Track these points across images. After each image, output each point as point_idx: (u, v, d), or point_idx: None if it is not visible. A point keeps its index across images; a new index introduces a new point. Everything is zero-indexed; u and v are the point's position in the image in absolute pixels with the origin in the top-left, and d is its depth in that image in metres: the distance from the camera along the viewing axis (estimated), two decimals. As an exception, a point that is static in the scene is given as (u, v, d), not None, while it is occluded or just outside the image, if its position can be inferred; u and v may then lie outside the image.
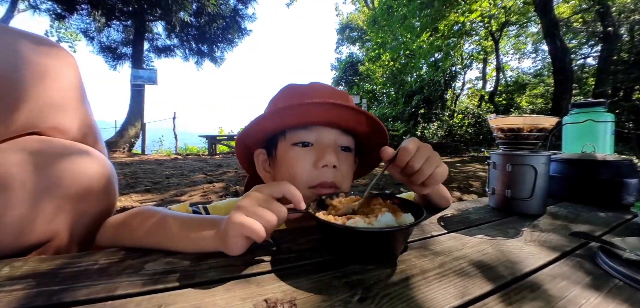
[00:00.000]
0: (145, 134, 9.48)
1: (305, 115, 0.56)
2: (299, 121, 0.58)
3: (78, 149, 0.51)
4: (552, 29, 5.92)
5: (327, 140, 0.59)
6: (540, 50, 12.72)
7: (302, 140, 0.59)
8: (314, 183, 0.57)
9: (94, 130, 0.58)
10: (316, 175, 0.57)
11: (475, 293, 0.33)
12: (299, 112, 0.56)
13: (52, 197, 0.45)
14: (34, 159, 0.44)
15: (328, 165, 0.56)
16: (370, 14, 12.54)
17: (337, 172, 0.58)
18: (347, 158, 0.62)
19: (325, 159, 0.56)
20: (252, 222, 0.38)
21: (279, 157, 0.61)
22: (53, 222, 0.46)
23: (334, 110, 0.55)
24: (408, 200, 0.50)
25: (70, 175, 0.47)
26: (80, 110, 0.54)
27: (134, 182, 3.62)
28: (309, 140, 0.59)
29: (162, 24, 10.58)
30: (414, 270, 0.38)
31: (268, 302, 0.30)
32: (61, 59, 0.51)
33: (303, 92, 0.63)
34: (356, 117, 0.57)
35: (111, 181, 0.55)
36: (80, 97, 0.54)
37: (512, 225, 0.59)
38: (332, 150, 0.58)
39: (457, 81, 12.48)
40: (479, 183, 3.45)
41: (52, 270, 0.36)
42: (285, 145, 0.60)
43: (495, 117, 0.71)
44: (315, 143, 0.59)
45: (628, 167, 0.79)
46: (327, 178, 0.57)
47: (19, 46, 0.46)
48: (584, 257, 0.44)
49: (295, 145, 0.59)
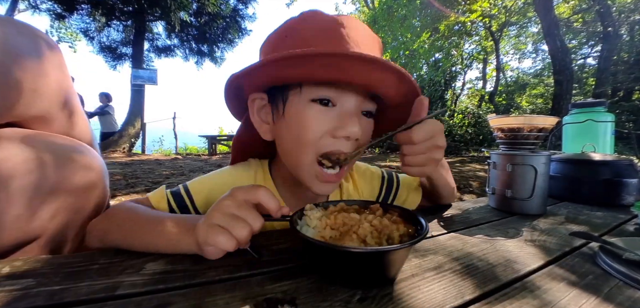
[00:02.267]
0: (145, 133, 9.48)
1: (342, 71, 0.43)
2: (324, 76, 0.45)
3: (66, 144, 0.50)
4: (552, 29, 5.92)
5: (351, 103, 0.48)
6: (540, 50, 12.73)
7: (323, 97, 0.47)
8: (325, 151, 0.48)
9: (83, 124, 0.56)
10: (330, 143, 0.47)
11: (475, 293, 0.33)
12: (332, 64, 0.42)
13: (41, 194, 0.45)
14: (33, 155, 0.44)
15: (351, 137, 0.47)
16: (370, 14, 12.52)
17: (354, 144, 0.49)
18: (368, 126, 0.51)
19: (348, 129, 0.45)
20: (219, 240, 0.36)
21: (290, 113, 0.49)
22: (41, 219, 0.45)
23: (375, 72, 0.43)
24: (408, 210, 0.42)
25: (59, 172, 0.47)
26: (65, 101, 0.52)
27: (134, 182, 3.61)
28: (331, 98, 0.47)
29: (162, 24, 10.57)
30: (414, 270, 0.38)
31: (268, 302, 0.30)
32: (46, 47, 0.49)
33: (329, 34, 0.47)
34: (399, 84, 0.46)
35: (101, 177, 0.55)
36: (64, 86, 0.52)
37: (512, 225, 0.59)
38: (356, 117, 0.47)
39: (457, 81, 12.49)
40: (478, 183, 3.45)
41: (52, 270, 0.36)
42: (301, 100, 0.47)
43: (496, 117, 0.71)
44: (338, 103, 0.47)
45: (628, 167, 0.79)
46: (345, 149, 0.48)
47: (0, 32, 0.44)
48: (584, 257, 0.44)
49: (314, 101, 0.47)
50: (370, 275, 0.33)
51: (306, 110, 0.47)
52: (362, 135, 0.49)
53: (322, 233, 0.37)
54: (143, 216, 0.45)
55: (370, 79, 0.45)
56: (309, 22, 0.49)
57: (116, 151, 8.61)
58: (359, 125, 0.46)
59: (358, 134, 0.46)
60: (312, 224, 0.39)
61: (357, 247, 0.33)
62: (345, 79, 0.45)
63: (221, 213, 0.38)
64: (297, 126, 0.48)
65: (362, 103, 0.49)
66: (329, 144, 0.47)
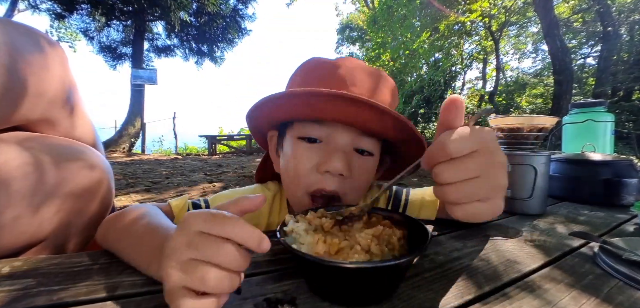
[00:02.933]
0: (145, 133, 9.48)
1: (312, 108, 0.45)
2: (305, 115, 0.48)
3: (72, 146, 0.51)
4: (552, 29, 5.92)
5: (340, 140, 0.48)
6: (540, 50, 12.71)
7: (308, 136, 0.49)
8: (311, 189, 0.48)
9: (87, 125, 0.56)
10: (316, 181, 0.47)
11: (475, 293, 0.33)
12: (306, 102, 0.44)
13: (47, 196, 0.45)
14: (28, 157, 0.44)
15: (331, 172, 0.46)
16: (370, 14, 12.53)
17: (345, 181, 0.48)
18: (364, 164, 0.50)
19: (329, 164, 0.45)
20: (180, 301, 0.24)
21: (285, 148, 0.53)
22: (50, 221, 0.46)
23: (351, 106, 0.42)
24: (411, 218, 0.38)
25: (65, 174, 0.47)
26: (70, 103, 0.52)
27: (133, 182, 3.61)
28: (318, 136, 0.48)
29: (162, 24, 10.58)
30: (414, 270, 0.38)
31: (268, 301, 0.30)
32: (49, 49, 0.49)
33: (322, 76, 0.49)
34: (380, 119, 0.44)
35: (107, 179, 0.55)
36: (69, 89, 0.52)
37: (512, 225, 0.59)
38: (341, 153, 0.47)
39: (457, 81, 12.49)
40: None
41: (52, 270, 0.36)
42: (291, 137, 0.51)
43: (495, 117, 0.71)
44: (325, 141, 0.49)
45: (628, 167, 0.79)
46: (328, 186, 0.47)
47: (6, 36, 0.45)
48: (584, 257, 0.44)
49: (301, 139, 0.49)
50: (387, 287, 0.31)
51: (294, 147, 0.50)
52: (354, 172, 0.48)
53: (316, 249, 0.31)
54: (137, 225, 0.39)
55: (345, 113, 0.44)
56: (305, 67, 0.54)
57: (116, 151, 8.60)
58: (343, 161, 0.46)
59: (341, 169, 0.46)
60: (303, 240, 0.33)
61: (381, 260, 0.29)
62: (318, 114, 0.46)
63: (184, 258, 0.24)
64: (288, 161, 0.51)
65: (355, 140, 0.49)
66: (316, 179, 0.48)
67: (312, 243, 0.32)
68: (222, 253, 0.24)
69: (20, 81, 0.43)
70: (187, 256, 0.24)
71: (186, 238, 0.25)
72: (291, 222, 0.36)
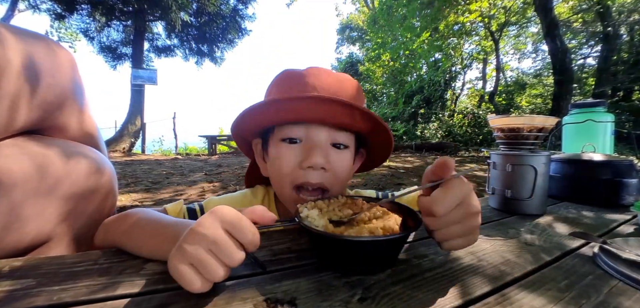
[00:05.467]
0: (145, 133, 9.48)
1: (290, 112, 0.51)
2: (284, 119, 0.53)
3: (78, 149, 0.51)
4: (552, 29, 5.92)
5: (317, 138, 0.54)
6: (540, 50, 12.73)
7: (289, 137, 0.54)
8: (298, 182, 0.53)
9: (93, 128, 0.58)
10: (301, 175, 0.53)
11: (475, 293, 0.33)
12: (283, 108, 0.51)
13: (53, 198, 0.45)
14: (35, 159, 0.44)
15: (314, 167, 0.52)
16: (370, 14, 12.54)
17: (326, 173, 0.53)
18: (342, 157, 0.56)
19: (310, 160, 0.51)
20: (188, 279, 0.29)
21: (269, 152, 0.58)
22: (53, 223, 0.46)
23: (323, 105, 0.49)
24: (402, 204, 0.46)
25: (71, 176, 0.47)
26: (80, 108, 0.54)
27: (133, 182, 3.62)
28: (297, 137, 0.54)
29: (162, 24, 10.58)
30: (414, 270, 0.38)
31: (268, 301, 0.30)
32: (60, 56, 0.51)
33: (293, 84, 0.55)
34: (349, 113, 0.51)
35: (111, 181, 0.55)
36: (79, 95, 0.54)
37: (512, 225, 0.59)
38: (320, 149, 0.52)
39: (457, 81, 12.51)
40: (475, 186, 3.44)
41: (52, 270, 0.36)
42: (274, 141, 0.56)
43: (495, 117, 0.71)
44: (304, 139, 0.54)
45: (628, 167, 0.79)
46: (313, 179, 0.52)
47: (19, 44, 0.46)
48: (583, 257, 0.44)
49: (283, 141, 0.55)
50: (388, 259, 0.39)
51: (278, 149, 0.55)
52: (334, 165, 0.54)
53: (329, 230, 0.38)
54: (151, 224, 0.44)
55: (318, 112, 0.51)
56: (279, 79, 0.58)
57: (116, 151, 8.60)
58: (322, 156, 0.52)
59: (322, 163, 0.51)
60: (317, 223, 0.39)
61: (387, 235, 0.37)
62: (294, 117, 0.53)
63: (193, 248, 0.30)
64: (274, 162, 0.56)
65: (331, 136, 0.55)
66: (299, 175, 0.53)
67: (325, 225, 0.39)
68: (234, 259, 0.30)
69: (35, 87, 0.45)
70: (208, 247, 0.30)
71: (213, 230, 0.30)
72: (305, 210, 0.43)
